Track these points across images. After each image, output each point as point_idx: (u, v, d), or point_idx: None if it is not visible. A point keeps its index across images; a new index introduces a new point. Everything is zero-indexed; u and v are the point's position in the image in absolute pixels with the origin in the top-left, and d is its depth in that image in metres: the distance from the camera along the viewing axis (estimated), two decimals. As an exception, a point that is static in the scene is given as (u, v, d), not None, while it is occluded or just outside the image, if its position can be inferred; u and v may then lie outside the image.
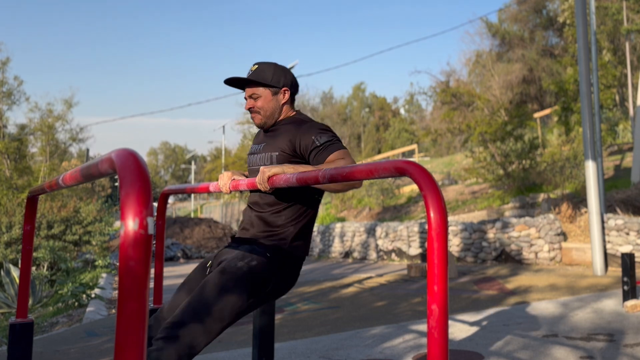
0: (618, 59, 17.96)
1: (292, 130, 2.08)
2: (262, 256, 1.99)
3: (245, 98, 2.18)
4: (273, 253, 2.02)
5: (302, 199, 2.09)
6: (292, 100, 2.21)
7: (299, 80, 2.57)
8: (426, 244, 4.24)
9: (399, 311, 4.92)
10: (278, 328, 4.25)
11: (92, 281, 9.11)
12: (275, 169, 1.87)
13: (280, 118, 2.18)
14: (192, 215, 34.91)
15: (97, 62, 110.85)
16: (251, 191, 2.20)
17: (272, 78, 2.13)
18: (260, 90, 2.13)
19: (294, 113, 2.20)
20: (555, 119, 15.17)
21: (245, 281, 1.93)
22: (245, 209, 2.22)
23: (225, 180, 2.18)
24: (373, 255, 10.62)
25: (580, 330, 3.80)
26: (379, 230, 10.46)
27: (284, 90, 2.15)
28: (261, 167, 1.91)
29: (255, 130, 18.41)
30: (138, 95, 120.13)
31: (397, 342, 3.67)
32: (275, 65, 2.17)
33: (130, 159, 0.81)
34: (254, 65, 2.16)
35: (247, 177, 2.25)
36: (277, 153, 2.08)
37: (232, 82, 2.16)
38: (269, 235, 2.06)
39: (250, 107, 2.15)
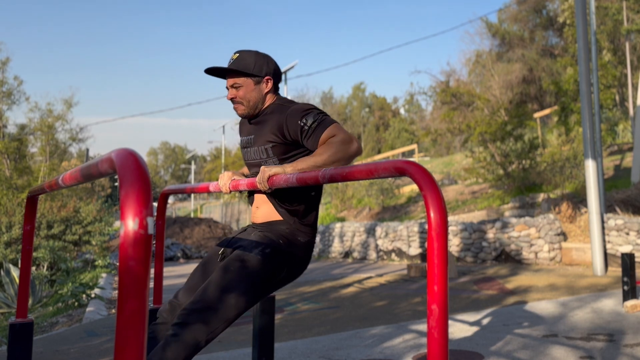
0: (618, 59, 17.95)
1: (277, 118, 2.04)
2: (275, 243, 1.99)
3: (227, 87, 2.12)
4: (285, 240, 2.02)
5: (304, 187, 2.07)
6: (275, 88, 2.16)
7: (298, 80, 2.56)
8: (426, 244, 4.24)
9: (399, 311, 4.92)
10: (278, 328, 4.25)
11: (92, 281, 9.10)
12: (275, 169, 1.88)
13: (263, 107, 2.13)
14: (192, 215, 34.90)
15: (97, 62, 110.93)
16: (250, 193, 2.20)
17: (254, 67, 2.07)
18: (242, 80, 2.07)
19: (275, 99, 2.15)
20: (555, 119, 15.17)
21: (260, 269, 1.94)
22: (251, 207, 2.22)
23: (225, 180, 2.18)
24: (373, 255, 10.61)
25: (580, 330, 3.80)
26: (378, 230, 10.45)
27: (267, 79, 2.10)
28: (262, 167, 1.91)
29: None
30: (138, 95, 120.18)
31: (397, 342, 3.67)
32: (256, 53, 2.11)
33: (130, 159, 0.81)
34: (235, 53, 2.11)
35: (246, 175, 2.26)
36: (271, 145, 2.05)
37: (214, 71, 2.11)
38: (279, 223, 2.06)
39: (233, 97, 2.10)
